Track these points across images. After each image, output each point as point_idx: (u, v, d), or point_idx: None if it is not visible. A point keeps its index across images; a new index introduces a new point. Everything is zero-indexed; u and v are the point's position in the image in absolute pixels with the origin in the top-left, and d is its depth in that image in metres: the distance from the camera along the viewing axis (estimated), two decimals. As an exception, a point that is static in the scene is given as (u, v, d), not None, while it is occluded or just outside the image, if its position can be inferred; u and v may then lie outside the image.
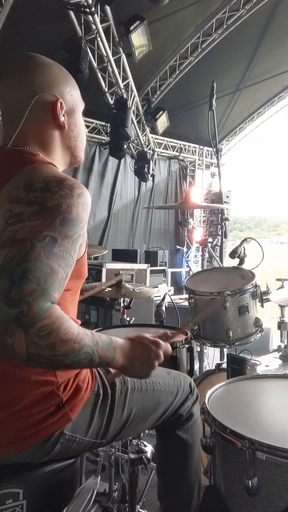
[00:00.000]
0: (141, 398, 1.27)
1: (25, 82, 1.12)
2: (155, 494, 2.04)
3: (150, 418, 1.31)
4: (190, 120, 7.72)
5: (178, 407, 1.37)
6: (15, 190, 0.94)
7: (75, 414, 1.10)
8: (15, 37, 4.65)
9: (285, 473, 0.96)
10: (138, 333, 1.07)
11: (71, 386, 1.10)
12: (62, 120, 1.16)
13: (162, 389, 1.33)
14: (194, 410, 1.42)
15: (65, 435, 1.08)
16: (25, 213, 0.89)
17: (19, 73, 1.14)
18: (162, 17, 5.38)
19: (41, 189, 0.93)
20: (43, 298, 0.81)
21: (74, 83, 1.23)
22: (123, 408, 1.22)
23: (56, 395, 1.06)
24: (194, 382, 1.60)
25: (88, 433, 1.14)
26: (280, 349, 2.31)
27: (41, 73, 1.14)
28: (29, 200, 0.91)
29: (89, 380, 1.18)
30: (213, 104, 2.53)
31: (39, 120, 1.13)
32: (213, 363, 2.58)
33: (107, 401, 1.19)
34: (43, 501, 1.06)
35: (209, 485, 1.24)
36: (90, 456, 2.32)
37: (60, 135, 1.18)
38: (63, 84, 1.18)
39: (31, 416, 1.03)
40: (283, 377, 1.49)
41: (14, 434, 1.02)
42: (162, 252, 6.77)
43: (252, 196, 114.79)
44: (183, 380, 1.43)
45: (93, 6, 4.47)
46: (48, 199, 0.92)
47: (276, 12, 5.88)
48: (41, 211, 0.90)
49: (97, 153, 6.98)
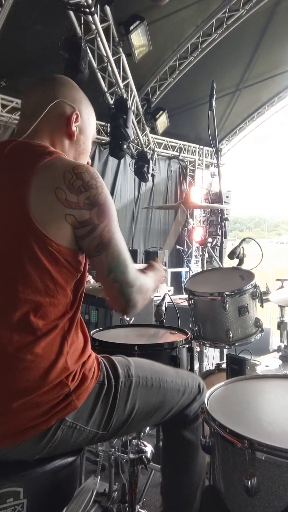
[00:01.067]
0: (145, 393, 1.27)
1: (52, 90, 1.24)
2: (155, 494, 2.05)
3: (155, 415, 1.31)
4: (190, 120, 7.73)
5: (184, 407, 1.38)
6: (62, 193, 1.07)
7: (80, 402, 1.11)
8: (15, 37, 4.65)
9: (284, 473, 0.96)
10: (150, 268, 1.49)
11: (78, 375, 1.12)
12: (74, 130, 1.26)
13: (169, 386, 1.34)
14: (201, 412, 1.42)
15: (66, 422, 1.09)
16: (93, 218, 1.10)
17: (50, 83, 1.27)
18: (162, 17, 5.38)
19: (84, 187, 1.09)
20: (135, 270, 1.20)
21: (94, 115, 1.36)
22: (126, 401, 1.22)
23: (65, 385, 1.08)
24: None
25: (89, 422, 1.14)
26: (280, 349, 2.31)
27: (69, 89, 1.27)
28: (85, 204, 1.09)
29: (95, 369, 1.19)
30: (213, 104, 2.53)
31: (53, 123, 1.22)
32: (213, 363, 2.59)
33: (111, 392, 1.20)
34: (43, 499, 1.06)
35: (209, 485, 1.24)
36: (90, 456, 2.32)
37: (69, 143, 1.27)
38: (84, 105, 1.30)
39: (40, 406, 1.04)
40: (283, 377, 1.50)
41: (22, 424, 1.03)
42: (162, 252, 6.77)
43: (252, 196, 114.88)
44: (192, 380, 1.43)
45: (93, 6, 4.46)
46: (98, 196, 1.10)
47: (276, 12, 5.89)
48: (102, 210, 1.11)
49: (97, 153, 6.98)
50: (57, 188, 1.06)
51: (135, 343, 1.71)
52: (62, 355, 1.09)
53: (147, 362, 1.40)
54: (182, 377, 1.41)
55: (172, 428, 1.41)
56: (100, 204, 1.10)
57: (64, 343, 1.11)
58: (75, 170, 1.09)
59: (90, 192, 1.09)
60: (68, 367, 1.10)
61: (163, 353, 1.75)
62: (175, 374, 1.40)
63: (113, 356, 1.34)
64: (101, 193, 1.11)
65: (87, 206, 1.09)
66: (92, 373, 1.17)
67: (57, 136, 1.23)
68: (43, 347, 1.06)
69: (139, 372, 1.29)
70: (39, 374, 1.05)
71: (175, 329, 2.08)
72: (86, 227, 1.09)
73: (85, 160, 1.36)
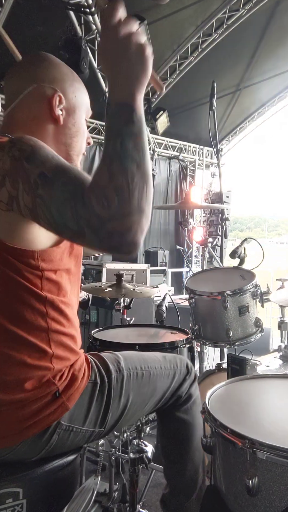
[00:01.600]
0: (137, 384, 1.28)
1: (27, 73, 1.13)
2: (156, 494, 2.05)
3: (149, 403, 1.32)
4: (190, 120, 7.73)
5: (176, 389, 1.39)
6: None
7: (72, 403, 1.10)
8: (15, 37, 4.64)
9: (285, 473, 0.96)
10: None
11: (67, 375, 1.11)
12: (58, 114, 1.12)
13: (159, 373, 1.34)
14: (192, 391, 1.44)
15: (61, 425, 1.08)
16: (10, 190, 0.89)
17: (25, 66, 1.17)
18: (162, 17, 5.38)
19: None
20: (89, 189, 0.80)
21: (83, 88, 1.23)
22: (120, 396, 1.22)
23: (52, 383, 1.06)
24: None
25: (85, 423, 1.14)
26: (280, 349, 2.31)
27: (46, 67, 1.14)
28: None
29: (85, 369, 1.18)
30: (214, 104, 2.53)
31: (32, 109, 1.11)
32: (213, 363, 2.58)
33: (104, 390, 1.20)
34: (43, 500, 1.06)
35: (210, 485, 1.24)
36: (90, 456, 2.32)
37: (55, 129, 1.14)
38: (67, 83, 1.16)
39: (26, 406, 1.02)
40: (283, 377, 1.49)
41: (11, 426, 1.02)
42: (162, 252, 6.77)
43: (252, 196, 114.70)
44: (179, 362, 1.44)
45: (93, 6, 4.46)
46: (3, 164, 0.91)
47: (276, 12, 5.89)
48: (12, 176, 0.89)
49: (97, 153, 6.98)
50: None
51: (136, 343, 1.71)
52: (46, 355, 1.07)
53: (134, 353, 1.41)
54: (170, 361, 1.41)
55: (166, 412, 1.42)
56: (8, 171, 0.90)
57: (48, 343, 1.07)
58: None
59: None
60: (53, 367, 1.08)
61: (163, 352, 1.75)
62: (163, 359, 1.41)
63: (101, 352, 1.34)
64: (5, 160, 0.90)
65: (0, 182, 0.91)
66: (83, 373, 1.16)
67: (37, 124, 1.11)
68: (22, 344, 1.03)
69: (128, 365, 1.29)
70: (19, 369, 1.03)
71: (175, 329, 2.08)
72: (12, 204, 0.90)
73: (83, 142, 1.22)
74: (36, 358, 1.05)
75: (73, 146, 1.20)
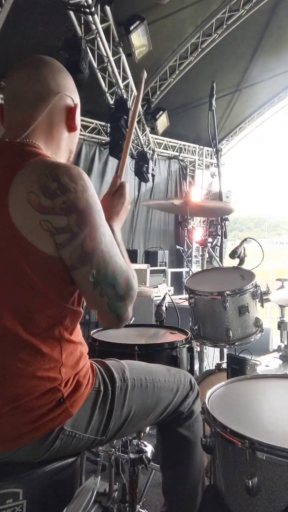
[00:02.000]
0: (141, 395, 1.27)
1: (44, 76, 1.14)
2: (156, 494, 2.05)
3: (151, 415, 1.31)
4: (190, 120, 7.73)
5: (178, 404, 1.38)
6: (35, 198, 0.98)
7: (75, 409, 1.10)
8: (15, 37, 4.65)
9: (285, 473, 0.96)
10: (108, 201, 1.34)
11: (72, 382, 1.11)
12: (77, 124, 1.21)
13: (162, 386, 1.33)
14: (195, 408, 1.43)
15: (65, 431, 1.08)
16: (71, 225, 0.99)
17: (38, 67, 1.15)
18: (162, 17, 5.38)
19: (60, 190, 0.98)
20: (128, 276, 1.08)
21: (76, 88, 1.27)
22: (123, 405, 1.22)
23: (58, 390, 1.07)
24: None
25: (88, 430, 1.14)
26: (280, 349, 2.31)
27: (62, 76, 1.18)
28: (61, 209, 0.98)
29: (90, 376, 1.18)
30: (213, 104, 2.53)
31: (52, 118, 1.15)
32: (213, 363, 2.58)
33: (108, 398, 1.19)
34: (43, 501, 1.06)
35: (209, 485, 1.24)
36: (90, 456, 2.32)
37: (68, 137, 1.22)
38: (75, 90, 1.23)
39: (31, 411, 1.03)
40: (283, 377, 1.50)
41: (14, 429, 1.02)
42: (162, 252, 6.77)
43: (252, 196, 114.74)
44: (184, 377, 1.43)
45: (93, 6, 4.47)
46: (76, 201, 0.99)
47: (276, 12, 5.90)
48: (82, 217, 1.00)
49: (97, 153, 6.98)
50: (29, 192, 0.98)
51: (135, 343, 1.71)
52: (56, 365, 1.07)
53: (140, 363, 1.40)
54: (174, 375, 1.41)
55: (168, 427, 1.41)
56: (79, 210, 0.99)
57: (60, 353, 1.08)
58: (52, 172, 0.99)
59: (67, 196, 0.98)
60: (62, 377, 1.08)
61: (163, 353, 1.74)
62: (167, 372, 1.41)
63: (106, 360, 1.33)
64: (80, 197, 0.99)
65: (64, 212, 0.98)
66: (87, 380, 1.16)
67: (58, 133, 1.17)
68: (34, 355, 1.04)
69: (133, 375, 1.29)
70: (30, 382, 1.03)
71: (175, 329, 2.08)
72: (64, 234, 0.99)
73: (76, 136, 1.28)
74: (46, 369, 1.05)
75: (73, 150, 1.28)
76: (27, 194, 0.98)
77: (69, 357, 1.11)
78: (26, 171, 1.00)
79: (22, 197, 0.98)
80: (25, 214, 0.98)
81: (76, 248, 0.99)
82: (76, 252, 1.00)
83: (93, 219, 1.02)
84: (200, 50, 6.35)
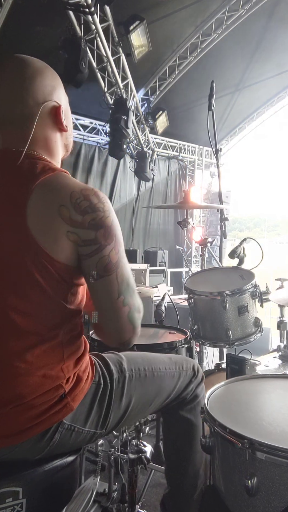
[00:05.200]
0: (140, 385, 1.28)
1: (27, 93, 1.14)
2: (155, 494, 2.05)
3: (153, 404, 1.33)
4: (190, 120, 7.74)
5: (181, 391, 1.39)
6: (66, 211, 1.05)
7: (76, 404, 1.11)
8: (15, 37, 4.65)
9: (284, 473, 0.96)
10: None
11: (73, 378, 1.12)
12: (65, 124, 1.21)
13: (163, 374, 1.34)
14: (198, 392, 1.45)
15: (64, 424, 1.09)
16: (99, 238, 1.08)
17: (18, 83, 1.15)
18: (161, 17, 5.38)
19: (90, 208, 1.07)
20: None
21: (61, 81, 1.26)
22: (121, 397, 1.23)
23: (60, 387, 1.08)
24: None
25: (87, 423, 1.15)
26: (279, 349, 2.31)
27: (40, 81, 1.16)
28: (91, 224, 1.07)
29: (90, 371, 1.19)
30: (213, 104, 2.53)
31: (43, 126, 1.17)
32: (213, 363, 2.58)
33: (106, 391, 1.20)
34: (43, 499, 1.06)
35: (209, 485, 1.24)
36: (89, 456, 2.32)
37: (60, 137, 1.24)
38: (57, 87, 1.21)
39: (34, 408, 1.04)
40: (282, 377, 1.50)
41: (17, 425, 1.03)
42: (162, 252, 6.77)
43: (251, 196, 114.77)
44: (186, 363, 1.45)
45: (93, 6, 4.46)
46: (105, 219, 1.09)
47: (275, 12, 5.90)
48: (109, 232, 1.09)
49: (97, 153, 6.98)
50: (61, 206, 1.05)
51: (134, 343, 1.71)
52: (59, 364, 1.09)
53: (138, 353, 1.41)
54: (176, 362, 1.42)
55: (171, 410, 1.43)
56: (106, 226, 1.09)
57: (61, 352, 1.10)
58: (83, 192, 1.08)
59: (96, 214, 1.08)
60: (64, 375, 1.10)
61: (162, 353, 1.74)
62: (169, 360, 1.41)
63: (104, 353, 1.34)
64: (108, 216, 1.10)
65: (92, 227, 1.07)
66: (87, 374, 1.17)
67: (51, 138, 1.19)
68: (38, 355, 1.06)
69: (131, 365, 1.30)
70: (33, 381, 1.05)
71: (174, 329, 2.08)
72: (92, 246, 1.07)
73: (72, 136, 1.32)
74: (49, 368, 1.07)
75: (70, 143, 1.31)
76: (58, 207, 1.05)
77: (71, 356, 1.13)
78: (50, 184, 1.07)
79: (51, 208, 1.05)
80: (48, 224, 1.05)
81: (103, 258, 1.08)
82: (104, 261, 1.08)
83: (118, 235, 1.11)
84: (200, 50, 6.36)
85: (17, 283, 1.05)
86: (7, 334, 1.04)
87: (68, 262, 1.07)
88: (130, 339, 1.15)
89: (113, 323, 1.13)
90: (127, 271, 1.13)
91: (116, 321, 1.12)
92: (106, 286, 1.09)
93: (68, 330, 1.12)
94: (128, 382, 1.25)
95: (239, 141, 9.32)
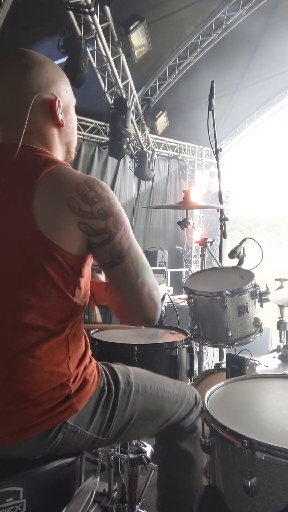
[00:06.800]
0: (144, 400, 1.27)
1: (23, 83, 1.13)
2: (155, 494, 2.04)
3: (153, 424, 1.31)
4: (190, 120, 7.73)
5: (181, 419, 1.36)
6: (75, 203, 1.07)
7: (81, 405, 1.11)
8: (14, 37, 4.65)
9: (284, 473, 0.96)
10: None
11: (79, 379, 1.13)
12: (61, 119, 1.19)
13: (166, 396, 1.33)
14: (198, 424, 1.40)
15: (67, 425, 1.09)
16: (110, 226, 1.10)
17: (15, 74, 1.14)
18: (161, 17, 5.38)
19: (97, 198, 1.09)
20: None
21: (67, 78, 1.25)
22: (125, 407, 1.22)
23: (66, 386, 1.09)
24: (194, 382, 1.58)
25: (90, 427, 1.15)
26: (279, 349, 2.30)
27: (38, 72, 1.15)
28: (100, 214, 1.09)
29: (96, 375, 1.20)
30: (213, 104, 2.53)
31: (38, 119, 1.15)
32: (213, 363, 2.58)
33: (111, 398, 1.20)
34: (43, 499, 1.06)
35: (208, 485, 1.24)
36: (89, 456, 2.32)
37: (59, 133, 1.21)
38: (58, 81, 1.19)
39: (40, 405, 1.04)
40: (282, 377, 1.50)
41: (21, 423, 1.03)
42: (162, 252, 6.77)
43: (251, 196, 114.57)
44: (189, 391, 1.42)
45: (93, 6, 4.46)
46: (112, 207, 1.11)
47: (275, 12, 5.89)
48: (117, 219, 1.12)
49: (97, 153, 6.98)
50: (70, 198, 1.07)
51: (134, 343, 1.71)
52: (64, 360, 1.10)
53: (145, 371, 1.39)
54: (180, 388, 1.40)
55: (168, 440, 1.39)
56: (114, 214, 1.11)
57: (67, 348, 1.11)
58: (87, 183, 1.09)
59: (103, 203, 1.10)
60: (70, 372, 1.10)
61: (162, 353, 1.75)
62: (173, 384, 1.39)
63: (112, 363, 1.34)
64: (114, 204, 1.12)
65: (102, 216, 1.09)
66: (93, 378, 1.18)
67: (47, 132, 1.17)
68: (45, 351, 1.06)
69: (138, 380, 1.29)
70: (40, 377, 1.05)
71: (174, 329, 2.08)
72: (103, 235, 1.10)
73: (76, 135, 1.31)
74: (55, 365, 1.08)
75: (72, 142, 1.28)
76: (67, 200, 1.06)
77: (75, 352, 1.14)
78: (55, 177, 1.08)
79: (60, 201, 1.06)
80: (58, 218, 1.06)
81: (116, 245, 1.11)
82: (116, 248, 1.11)
83: (125, 221, 1.14)
84: (200, 50, 6.35)
85: (27, 278, 1.05)
86: (17, 328, 1.05)
87: (78, 252, 1.09)
88: (154, 316, 1.19)
89: (137, 304, 1.16)
90: (140, 253, 1.16)
91: (140, 302, 1.15)
92: (123, 271, 1.13)
93: (73, 325, 1.13)
94: (134, 395, 1.25)
95: (239, 141, 9.32)
